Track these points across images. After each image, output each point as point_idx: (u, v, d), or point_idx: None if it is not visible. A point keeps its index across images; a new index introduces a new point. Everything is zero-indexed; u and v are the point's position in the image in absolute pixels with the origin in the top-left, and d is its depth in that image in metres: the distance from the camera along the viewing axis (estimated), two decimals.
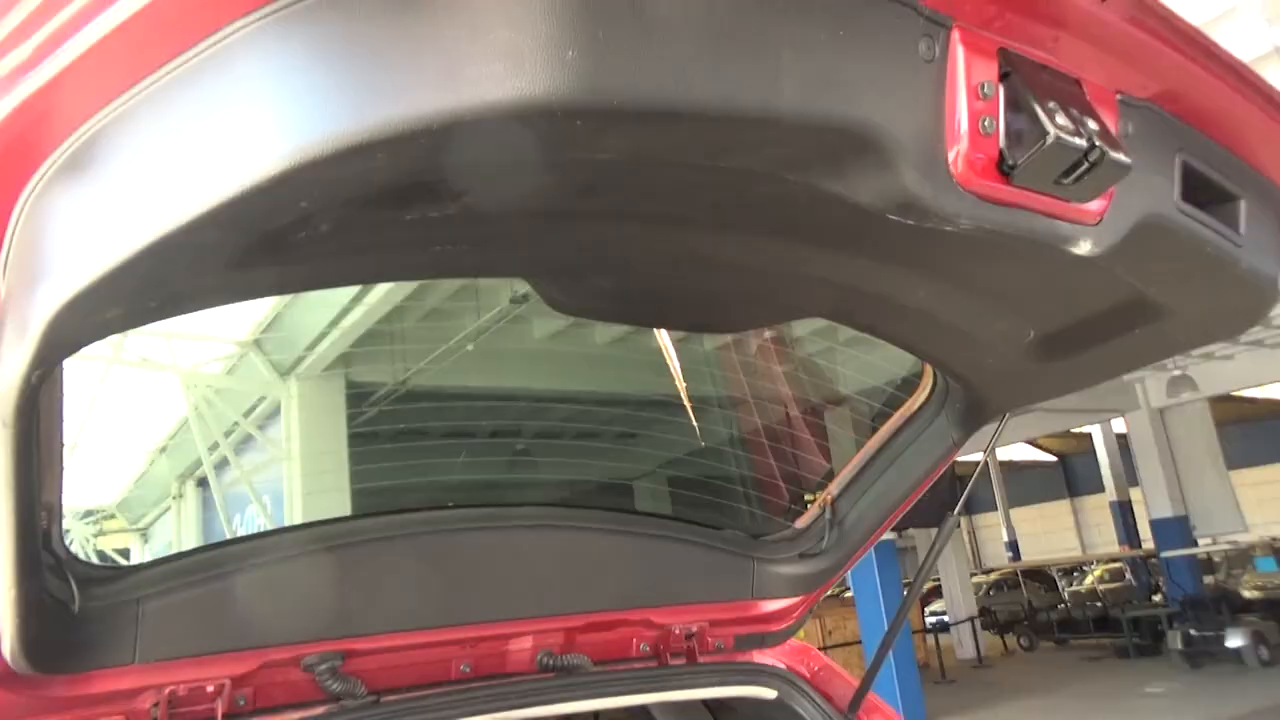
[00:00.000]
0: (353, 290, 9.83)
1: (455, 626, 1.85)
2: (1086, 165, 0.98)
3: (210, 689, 1.60)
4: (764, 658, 2.29)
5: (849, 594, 19.41)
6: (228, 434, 13.43)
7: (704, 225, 1.21)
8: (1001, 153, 0.99)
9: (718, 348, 13.13)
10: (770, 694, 2.22)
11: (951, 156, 0.98)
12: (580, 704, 2.02)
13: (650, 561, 2.07)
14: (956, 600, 21.84)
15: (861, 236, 1.19)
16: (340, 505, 11.20)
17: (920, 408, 2.01)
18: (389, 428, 12.67)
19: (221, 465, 14.11)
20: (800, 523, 2.26)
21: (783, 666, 2.27)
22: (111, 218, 0.87)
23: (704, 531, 2.17)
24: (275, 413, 12.60)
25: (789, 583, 2.21)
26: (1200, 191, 1.20)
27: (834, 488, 2.20)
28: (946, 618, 22.21)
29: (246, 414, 13.04)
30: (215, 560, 1.60)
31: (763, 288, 1.43)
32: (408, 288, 9.76)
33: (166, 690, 1.57)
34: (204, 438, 13.27)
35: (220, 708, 1.62)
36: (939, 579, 23.99)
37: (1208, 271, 1.27)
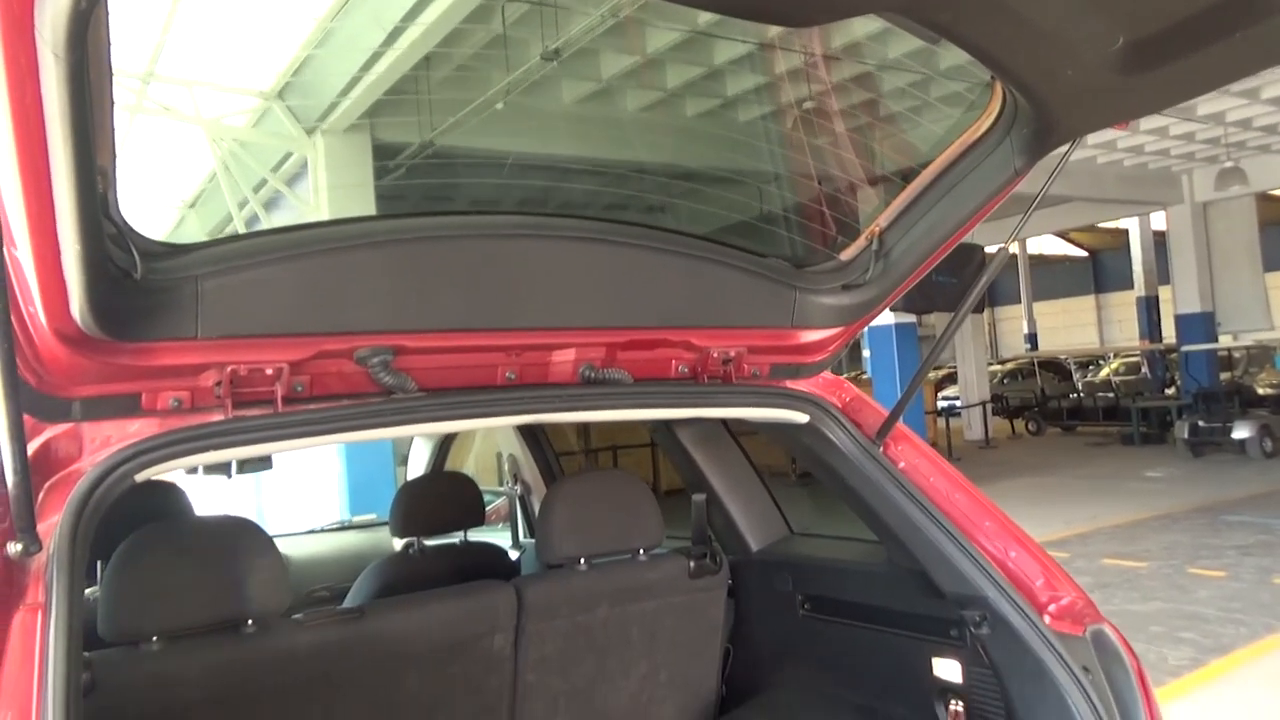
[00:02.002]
0: (379, 37, 9.44)
1: (501, 331, 1.89)
2: None
3: (269, 372, 1.66)
4: (798, 386, 2.35)
5: (865, 376, 19.91)
6: (256, 190, 13.40)
7: None
8: None
9: (765, 115, 12.69)
10: (802, 418, 2.29)
11: None
12: (620, 413, 2.09)
13: (694, 282, 2.07)
14: (970, 385, 22.33)
15: None
16: None
17: (985, 132, 1.92)
18: (418, 182, 12.55)
19: (251, 222, 14.19)
20: (845, 254, 2.23)
21: (816, 394, 2.33)
22: None
23: (748, 258, 2.15)
24: (303, 169, 12.50)
25: (829, 313, 2.22)
26: None
27: (883, 220, 2.16)
28: (958, 403, 22.84)
29: (274, 170, 12.95)
30: (271, 245, 1.61)
31: None
32: (436, 35, 9.34)
33: (228, 369, 1.62)
34: (233, 192, 13.27)
35: (279, 391, 1.69)
36: (954, 366, 24.45)
37: None
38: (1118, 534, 10.51)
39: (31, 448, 1.49)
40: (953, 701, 2.25)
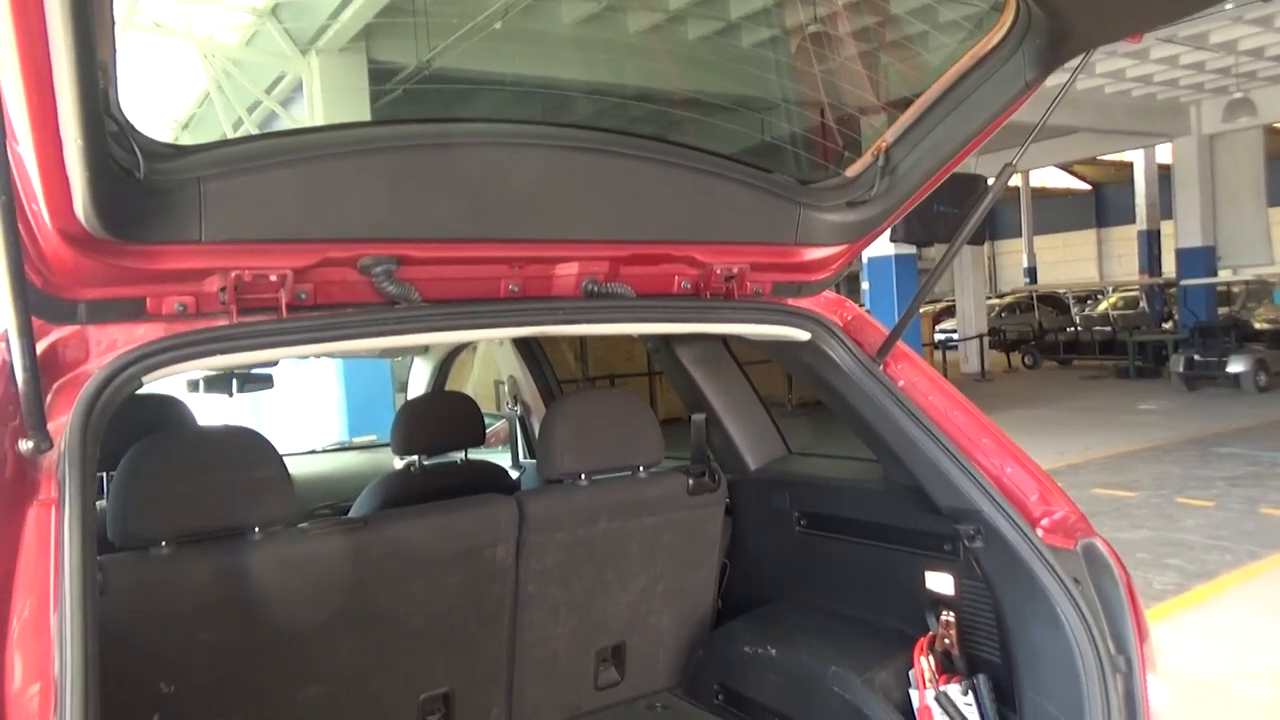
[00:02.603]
0: None
1: (505, 242, 1.88)
2: None
3: (273, 278, 1.66)
4: (800, 304, 2.35)
5: (865, 307, 19.92)
6: (250, 111, 13.18)
7: None
8: None
9: (770, 37, 12.42)
10: (804, 335, 2.30)
11: None
12: (622, 327, 2.10)
13: (698, 197, 2.05)
14: (968, 318, 22.35)
15: None
16: None
17: (998, 44, 1.89)
18: (417, 87, 12.28)
19: None
20: (851, 171, 2.21)
21: (818, 312, 2.33)
22: None
23: (753, 173, 2.13)
24: (297, 90, 12.28)
25: (833, 230, 2.21)
26: None
27: (890, 135, 2.14)
28: (955, 336, 22.90)
29: (268, 90, 12.71)
30: (274, 149, 1.60)
31: None
32: None
33: (232, 275, 1.62)
34: (226, 113, 13.06)
35: (284, 298, 1.69)
36: (953, 299, 24.43)
37: None
38: (1109, 465, 10.64)
39: (39, 349, 1.50)
40: (944, 613, 2.31)
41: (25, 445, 1.35)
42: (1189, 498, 8.89)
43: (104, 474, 2.33)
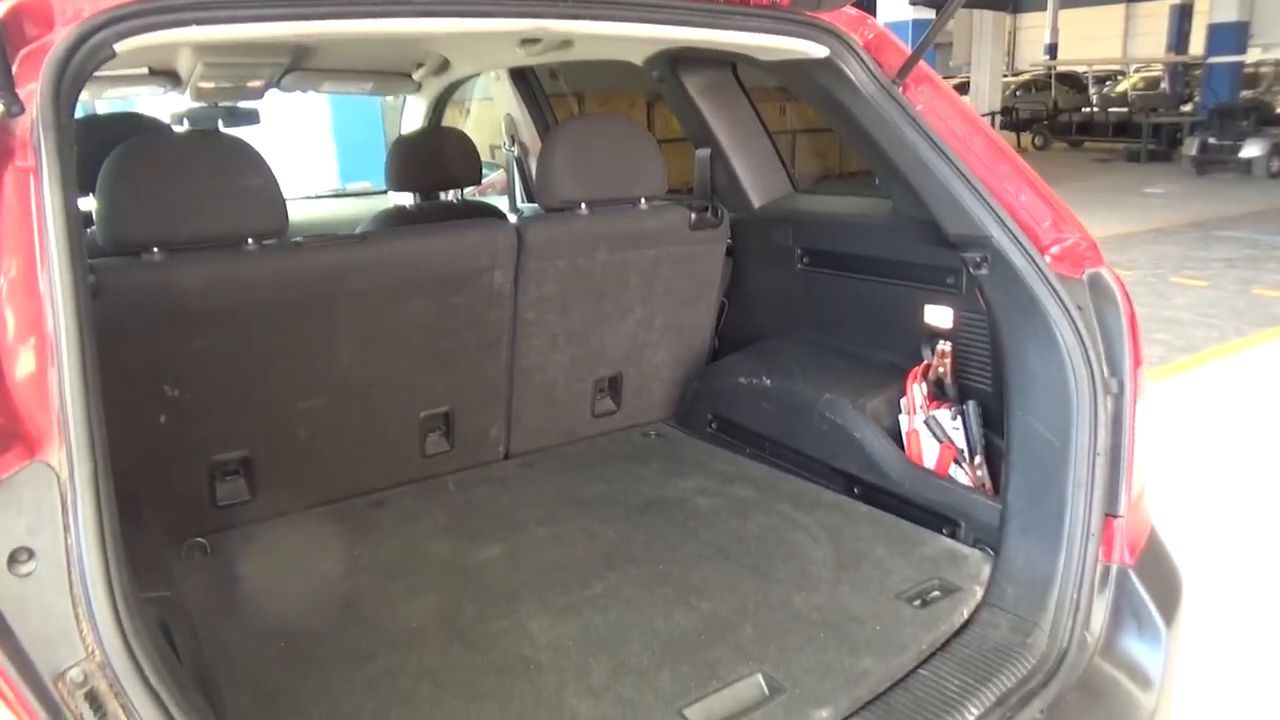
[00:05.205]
0: None
1: None
2: None
3: None
4: (819, 17, 2.18)
5: None
6: None
7: None
8: None
9: None
10: (821, 51, 2.15)
11: None
12: (627, 27, 1.96)
13: None
14: (982, 94, 21.50)
15: None
16: None
17: None
18: None
19: None
20: None
21: (839, 27, 2.18)
22: None
23: None
24: None
25: None
26: None
27: None
28: None
29: None
30: None
31: None
32: None
33: None
34: None
35: None
36: (966, 77, 23.39)
37: None
38: (1108, 244, 10.44)
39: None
40: (941, 343, 2.32)
41: None
42: (1184, 277, 8.93)
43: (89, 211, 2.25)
